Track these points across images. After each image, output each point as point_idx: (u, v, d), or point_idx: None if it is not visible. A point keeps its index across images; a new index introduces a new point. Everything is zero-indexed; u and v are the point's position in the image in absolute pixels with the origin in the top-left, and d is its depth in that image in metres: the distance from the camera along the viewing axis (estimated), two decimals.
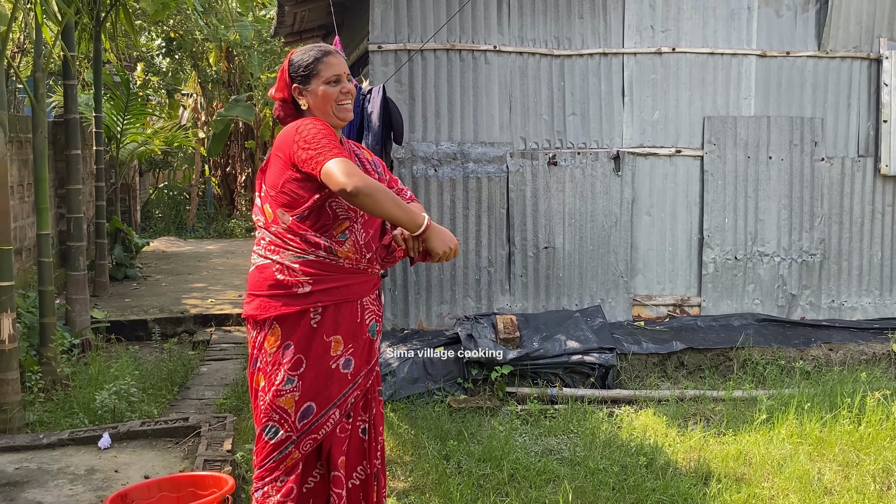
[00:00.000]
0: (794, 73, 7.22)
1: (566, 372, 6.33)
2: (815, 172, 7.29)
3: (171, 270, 11.88)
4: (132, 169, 14.77)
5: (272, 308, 3.05)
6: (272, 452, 3.07)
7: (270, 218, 3.12)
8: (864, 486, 4.49)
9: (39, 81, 6.25)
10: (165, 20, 14.87)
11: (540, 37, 6.89)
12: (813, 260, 7.35)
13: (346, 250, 3.09)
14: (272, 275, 3.07)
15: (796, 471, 4.66)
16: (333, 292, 3.08)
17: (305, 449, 3.09)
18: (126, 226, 11.50)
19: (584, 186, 7.02)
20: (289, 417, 3.06)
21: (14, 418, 5.31)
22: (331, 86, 3.15)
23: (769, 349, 6.77)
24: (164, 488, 3.12)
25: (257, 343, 3.12)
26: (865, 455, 4.89)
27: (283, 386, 3.05)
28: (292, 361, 3.05)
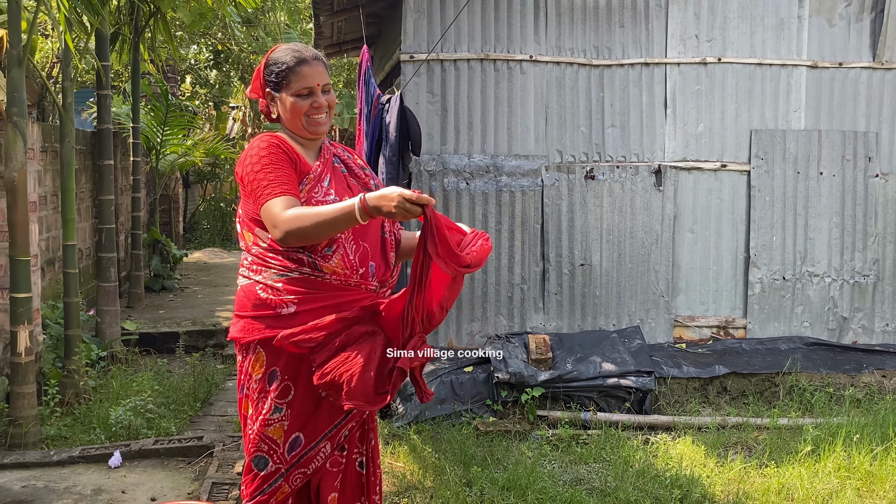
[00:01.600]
0: (846, 84, 6.95)
1: (601, 396, 6.13)
2: (869, 189, 7.00)
3: (209, 282, 11.86)
4: (174, 180, 14.83)
5: (255, 330, 2.84)
6: (262, 485, 2.88)
7: (251, 241, 2.92)
8: None
9: (67, 91, 6.22)
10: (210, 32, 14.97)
11: (578, 46, 6.71)
12: (866, 281, 7.05)
13: (332, 265, 2.84)
14: (256, 294, 2.86)
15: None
16: (320, 312, 2.81)
17: (295, 483, 2.88)
18: (165, 237, 11.50)
19: (623, 201, 6.81)
20: (278, 448, 2.85)
21: (29, 433, 5.22)
22: (301, 99, 2.92)
23: (818, 375, 6.50)
24: None
25: (244, 368, 2.92)
26: None
27: (270, 415, 2.84)
28: (279, 389, 2.84)
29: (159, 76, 12.08)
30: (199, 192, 20.22)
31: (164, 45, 10.22)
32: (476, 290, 6.68)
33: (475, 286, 6.66)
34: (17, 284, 5.25)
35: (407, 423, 5.81)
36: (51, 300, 7.49)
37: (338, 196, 2.94)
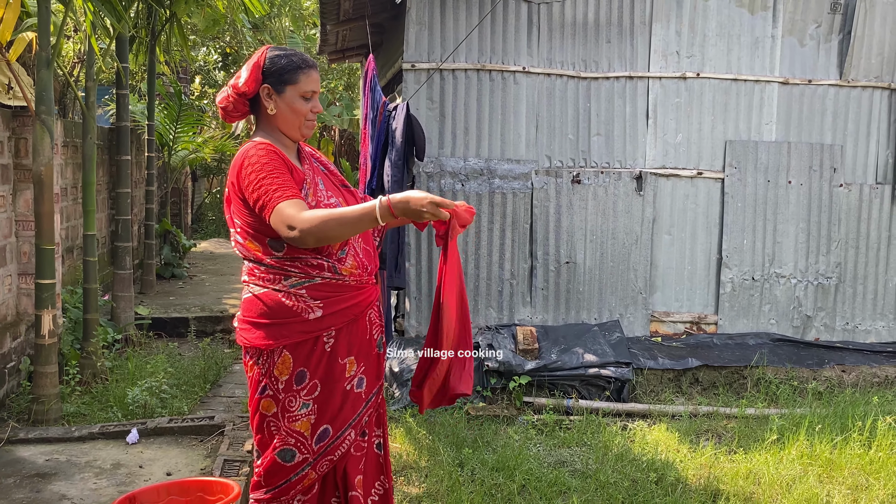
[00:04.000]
0: (815, 100, 6.98)
1: (582, 384, 6.14)
2: (834, 198, 7.04)
3: (216, 271, 11.84)
4: (184, 175, 14.78)
5: (282, 337, 2.74)
6: (289, 474, 2.82)
7: (261, 251, 2.76)
8: None
9: (90, 90, 6.19)
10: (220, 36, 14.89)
11: (568, 59, 6.72)
12: (829, 283, 7.09)
13: (349, 267, 2.81)
14: (281, 302, 2.75)
15: (805, 493, 4.43)
16: (345, 313, 2.79)
17: (322, 470, 2.85)
18: (175, 228, 11.47)
19: (606, 204, 6.82)
20: (306, 441, 2.80)
21: (51, 410, 5.22)
22: (305, 101, 2.82)
23: (783, 369, 6.53)
24: (173, 492, 2.96)
25: (265, 370, 2.78)
26: (875, 479, 4.64)
27: (298, 411, 2.78)
28: (307, 387, 2.78)
29: (173, 77, 12.02)
30: (205, 186, 20.15)
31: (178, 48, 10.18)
32: (468, 285, 6.69)
33: (468, 281, 6.67)
34: (41, 271, 5.24)
35: (402, 406, 5.83)
36: (69, 286, 7.46)
37: (336, 196, 2.90)
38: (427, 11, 6.51)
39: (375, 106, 4.94)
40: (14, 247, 6.11)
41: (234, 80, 2.83)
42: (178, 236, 11.15)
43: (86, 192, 6.26)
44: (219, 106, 2.89)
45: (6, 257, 5.96)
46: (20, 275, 6.17)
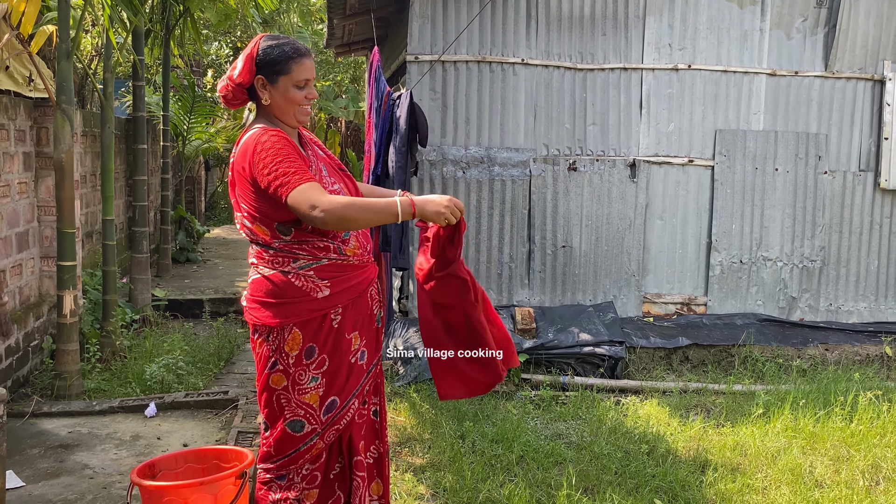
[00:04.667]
0: (801, 91, 6.97)
1: (578, 362, 6.17)
2: (819, 184, 7.04)
3: (228, 255, 11.87)
4: (197, 164, 14.79)
5: (293, 315, 2.75)
6: (298, 444, 2.84)
7: (269, 235, 2.77)
8: (854, 481, 4.27)
9: (108, 81, 6.20)
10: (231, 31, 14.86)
11: (565, 51, 6.71)
12: (813, 266, 7.10)
13: (352, 248, 2.85)
14: (290, 283, 2.76)
15: (789, 463, 4.46)
16: (349, 291, 2.83)
17: (329, 439, 2.88)
18: (190, 214, 11.49)
19: (601, 191, 6.83)
20: (315, 412, 2.83)
21: (72, 385, 5.26)
22: (299, 90, 2.79)
23: (769, 347, 6.56)
24: (190, 460, 3.00)
25: (275, 347, 2.80)
26: (856, 451, 4.67)
27: (308, 384, 2.80)
28: (316, 361, 2.80)
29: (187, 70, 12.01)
30: (217, 175, 20.16)
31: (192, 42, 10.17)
32: (469, 267, 6.70)
33: (468, 264, 6.69)
34: (63, 253, 5.27)
35: (407, 382, 5.86)
36: (89, 269, 7.50)
37: (338, 181, 2.91)
38: (430, 5, 6.50)
39: (380, 96, 4.95)
40: (36, 231, 6.15)
41: (230, 71, 2.81)
42: (193, 222, 11.18)
43: (104, 179, 6.28)
44: (219, 94, 2.88)
45: (29, 241, 5.99)
46: (42, 258, 6.21)
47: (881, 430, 4.94)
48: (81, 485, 3.77)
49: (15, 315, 5.54)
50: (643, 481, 4.22)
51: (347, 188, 2.94)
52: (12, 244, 5.64)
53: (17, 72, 5.44)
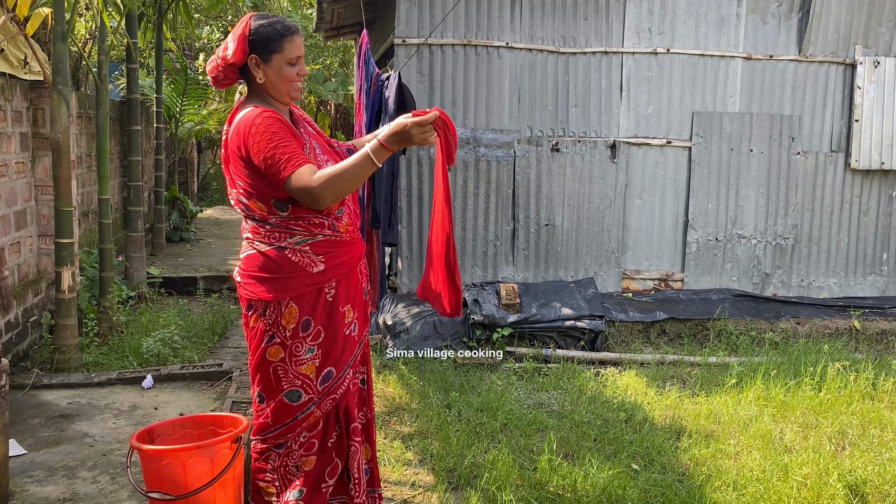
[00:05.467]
0: (776, 74, 7.01)
1: (560, 335, 6.23)
2: (791, 165, 7.10)
3: (221, 235, 11.85)
4: (190, 145, 14.72)
5: (289, 290, 2.77)
6: (296, 413, 2.86)
7: (265, 211, 2.75)
8: (821, 447, 4.36)
9: (103, 64, 6.17)
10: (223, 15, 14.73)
11: (548, 35, 6.72)
12: (786, 243, 7.18)
13: (345, 224, 2.86)
14: (286, 258, 2.76)
15: (760, 430, 4.54)
16: (343, 266, 2.85)
17: (325, 408, 2.90)
18: (183, 195, 11.46)
19: (582, 171, 6.87)
20: (311, 382, 2.84)
21: (71, 359, 5.28)
22: (291, 67, 2.76)
23: (742, 321, 6.63)
24: (188, 426, 3.03)
25: (272, 321, 2.80)
26: (824, 419, 4.76)
27: (304, 355, 2.82)
28: (312, 333, 2.81)
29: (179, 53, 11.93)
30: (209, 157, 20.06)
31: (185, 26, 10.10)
32: (456, 244, 6.73)
33: (455, 241, 6.72)
34: (61, 231, 5.27)
35: (395, 356, 5.91)
36: (85, 247, 7.49)
37: (331, 160, 2.89)
38: None
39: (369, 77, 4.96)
40: (34, 210, 6.13)
41: (222, 52, 2.77)
42: (186, 202, 11.15)
43: (100, 159, 6.26)
44: (209, 75, 2.83)
45: (27, 219, 5.98)
46: (40, 236, 6.20)
47: (848, 399, 5.04)
48: (82, 452, 3.81)
49: (14, 291, 5.54)
50: (621, 447, 4.29)
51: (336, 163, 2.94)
52: (10, 222, 5.63)
53: (11, 55, 5.41)
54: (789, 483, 3.78)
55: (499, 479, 3.77)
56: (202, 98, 12.50)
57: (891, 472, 3.91)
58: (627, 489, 3.73)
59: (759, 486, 3.77)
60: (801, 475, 3.85)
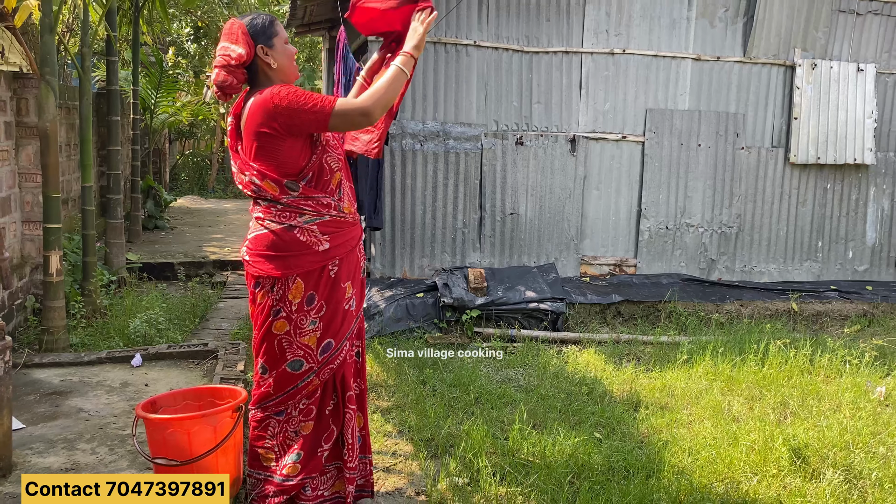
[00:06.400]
0: (722, 75, 7.20)
1: (524, 316, 6.35)
2: (736, 159, 7.31)
3: (194, 223, 11.75)
4: (163, 136, 14.51)
5: (297, 266, 2.84)
6: (297, 381, 2.94)
7: (278, 191, 2.83)
8: (765, 416, 4.55)
9: (86, 56, 6.09)
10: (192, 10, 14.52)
11: (513, 35, 6.81)
12: (730, 231, 7.39)
13: (346, 206, 2.96)
14: (295, 237, 2.84)
15: (710, 402, 4.71)
16: (345, 245, 2.94)
17: (324, 377, 2.98)
18: (157, 184, 11.32)
19: (544, 164, 6.98)
20: (312, 352, 2.93)
21: (59, 339, 5.24)
22: (289, 45, 2.90)
23: (691, 303, 6.82)
24: (188, 398, 3.07)
25: (279, 296, 2.88)
26: (767, 391, 4.96)
27: (308, 327, 2.90)
28: (316, 307, 2.90)
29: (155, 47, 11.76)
30: (177, 148, 19.76)
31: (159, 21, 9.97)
32: (426, 233, 6.82)
33: (425, 229, 6.80)
34: (49, 217, 5.21)
35: (371, 336, 5.97)
36: (67, 233, 7.38)
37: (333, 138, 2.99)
38: None
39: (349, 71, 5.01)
40: (18, 197, 6.04)
41: (223, 60, 2.81)
42: (160, 192, 11.02)
43: (83, 148, 6.18)
44: (217, 85, 2.86)
45: (11, 206, 5.89)
46: (24, 222, 6.11)
47: (788, 373, 5.25)
48: (78, 426, 3.82)
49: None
50: (584, 418, 4.44)
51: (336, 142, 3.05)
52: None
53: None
54: (739, 448, 3.96)
55: (474, 448, 3.88)
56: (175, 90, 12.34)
57: (829, 436, 4.12)
58: (592, 455, 3.86)
59: (711, 451, 3.94)
60: (749, 441, 4.03)
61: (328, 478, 3.07)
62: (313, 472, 3.00)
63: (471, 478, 3.63)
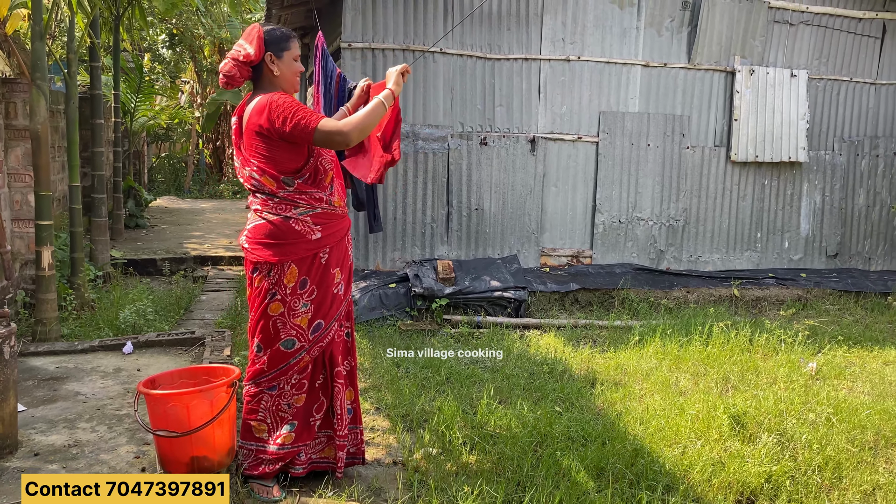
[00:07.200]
0: (669, 80, 7.42)
1: (489, 304, 6.49)
2: (682, 157, 7.53)
3: (173, 222, 11.73)
4: (142, 139, 14.42)
5: (291, 253, 3.00)
6: (289, 358, 3.09)
7: (275, 186, 2.98)
8: (709, 389, 4.76)
9: (72, 62, 6.11)
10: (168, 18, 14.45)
11: (476, 43, 6.96)
12: (677, 224, 7.62)
13: (336, 200, 3.11)
14: (291, 227, 3.00)
15: (659, 378, 4.92)
16: (335, 234, 3.09)
17: (314, 354, 3.13)
18: (137, 184, 11.27)
19: (507, 162, 7.14)
20: (304, 332, 3.07)
21: (52, 330, 5.29)
22: (296, 62, 3.04)
23: (642, 290, 7.02)
24: (184, 376, 3.19)
25: (275, 281, 3.03)
26: (710, 368, 5.18)
27: (300, 309, 3.05)
28: (308, 291, 3.05)
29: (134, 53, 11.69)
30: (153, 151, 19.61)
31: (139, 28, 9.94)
32: (397, 227, 6.95)
33: (396, 224, 6.93)
34: (41, 214, 5.25)
35: None
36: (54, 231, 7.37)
37: None
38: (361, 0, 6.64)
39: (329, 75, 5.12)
40: (7, 196, 6.05)
41: (235, 53, 2.98)
42: (141, 192, 10.99)
43: (70, 149, 6.21)
44: (223, 74, 3.01)
45: (1, 205, 5.90)
46: (13, 220, 6.12)
47: (730, 352, 5.49)
48: (77, 407, 3.90)
49: None
50: (545, 394, 4.61)
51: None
52: None
53: None
54: (685, 417, 4.17)
55: (446, 421, 4.03)
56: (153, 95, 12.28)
57: (764, 405, 4.36)
58: (553, 426, 4.04)
59: (660, 421, 4.14)
60: (694, 410, 4.25)
61: (318, 444, 3.24)
62: (307, 440, 3.17)
63: (443, 448, 3.79)
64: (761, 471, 3.52)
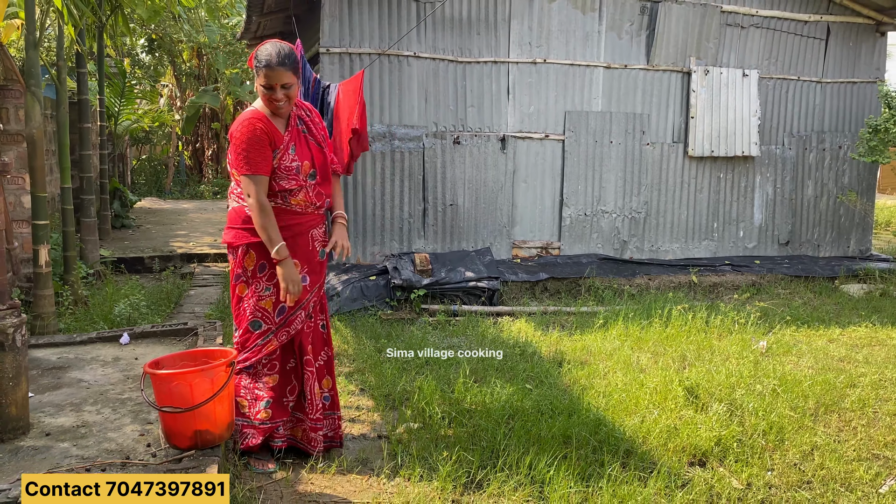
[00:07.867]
0: (629, 80, 7.65)
1: (464, 294, 6.68)
2: (643, 154, 7.79)
3: (157, 222, 11.80)
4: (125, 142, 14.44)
5: (243, 237, 3.23)
6: (258, 339, 3.30)
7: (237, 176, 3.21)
8: (668, 366, 5.02)
9: (62, 69, 6.22)
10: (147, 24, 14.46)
11: (448, 47, 7.14)
12: (639, 216, 7.88)
13: (298, 200, 3.24)
14: (245, 213, 3.22)
15: (622, 357, 5.17)
16: (287, 229, 3.22)
17: (282, 339, 3.31)
18: (122, 186, 11.34)
19: (479, 160, 7.33)
20: (269, 314, 3.27)
21: (49, 325, 5.41)
22: (265, 89, 3.09)
23: (607, 279, 7.25)
24: (186, 359, 3.36)
25: (238, 262, 3.27)
26: (669, 347, 5.45)
27: (263, 292, 3.25)
28: (267, 275, 3.25)
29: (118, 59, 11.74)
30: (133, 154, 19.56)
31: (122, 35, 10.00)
32: (376, 223, 7.14)
33: (375, 220, 7.12)
34: (37, 214, 5.38)
35: (330, 315, 6.26)
36: None
37: (298, 159, 3.23)
38: (338, 7, 6.80)
39: (306, 80, 5.32)
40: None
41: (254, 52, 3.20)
42: (126, 193, 11.06)
43: (61, 152, 6.32)
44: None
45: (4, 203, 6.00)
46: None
47: (687, 333, 5.76)
48: (81, 393, 4.06)
49: None
50: (517, 373, 4.84)
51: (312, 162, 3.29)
52: None
53: None
54: (644, 391, 4.43)
55: (425, 399, 4.25)
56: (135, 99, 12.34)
57: (717, 379, 4.64)
58: (524, 401, 4.27)
59: (622, 394, 4.40)
60: (653, 384, 4.52)
61: (290, 423, 3.48)
62: (283, 417, 3.41)
63: (424, 423, 4.01)
64: (712, 435, 3.80)
